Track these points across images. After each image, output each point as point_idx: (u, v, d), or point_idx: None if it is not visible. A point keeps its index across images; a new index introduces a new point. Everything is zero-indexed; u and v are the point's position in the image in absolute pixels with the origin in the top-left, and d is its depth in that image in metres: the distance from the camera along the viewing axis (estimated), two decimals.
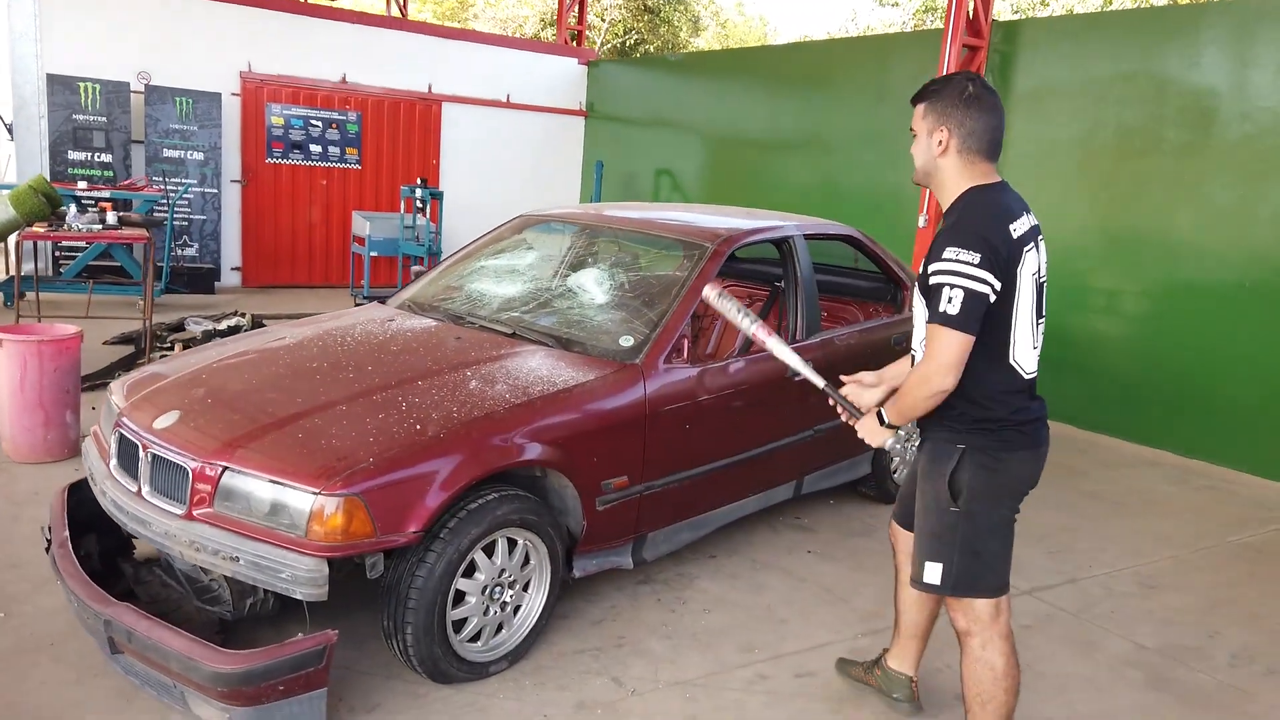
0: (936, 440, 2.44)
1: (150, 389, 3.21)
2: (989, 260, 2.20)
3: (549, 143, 12.05)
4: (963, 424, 2.38)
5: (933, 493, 2.43)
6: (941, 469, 2.40)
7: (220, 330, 6.75)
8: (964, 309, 2.19)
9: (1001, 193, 2.35)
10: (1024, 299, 2.30)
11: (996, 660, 2.44)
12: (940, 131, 2.34)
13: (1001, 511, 2.43)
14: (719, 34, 29.74)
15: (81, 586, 2.70)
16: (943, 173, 2.38)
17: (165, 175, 9.39)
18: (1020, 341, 2.33)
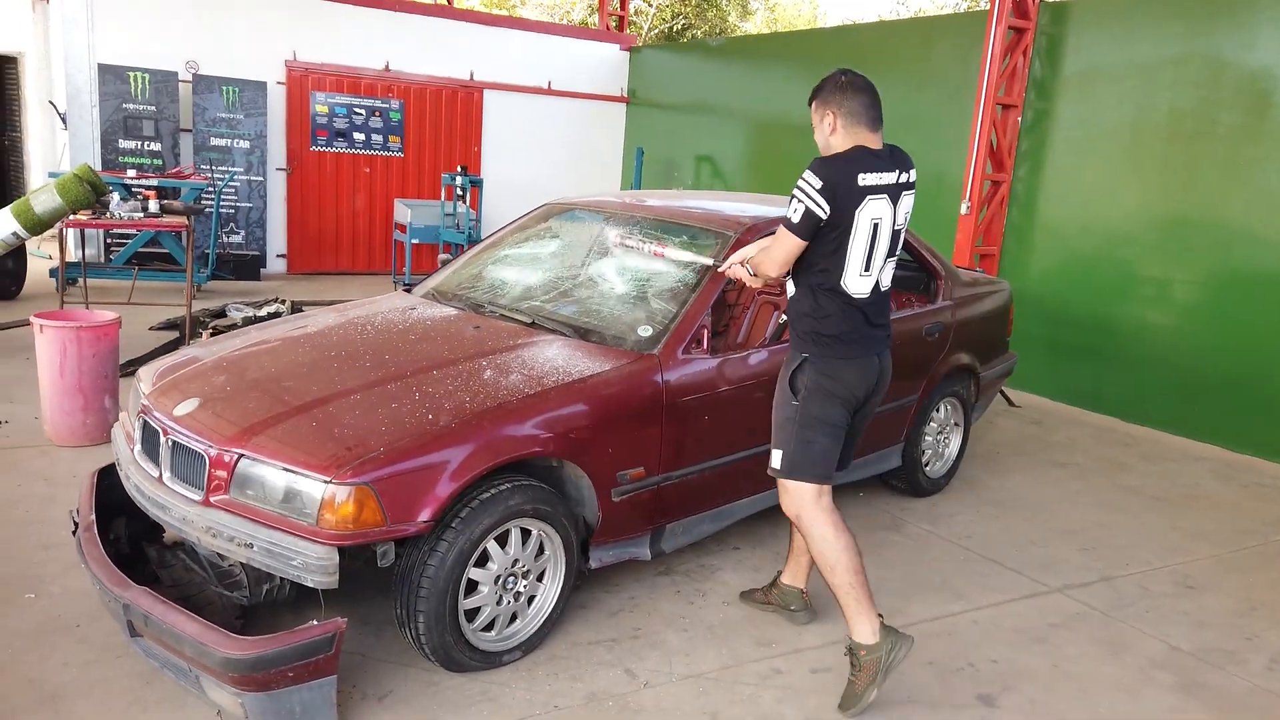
0: (790, 348, 2.98)
1: (175, 375, 3.27)
2: (828, 191, 2.74)
3: (590, 129, 12.03)
4: (805, 336, 2.91)
5: (780, 391, 2.96)
6: (787, 370, 2.96)
7: (260, 316, 6.86)
8: (800, 220, 2.76)
9: (872, 153, 2.84)
10: (859, 235, 2.80)
11: (825, 530, 2.91)
12: (828, 115, 2.87)
13: (830, 411, 2.91)
14: (768, 18, 29.36)
15: (103, 570, 2.76)
16: (834, 148, 2.87)
17: (212, 163, 9.57)
18: (851, 269, 2.84)
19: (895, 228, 2.92)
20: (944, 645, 3.36)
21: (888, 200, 2.85)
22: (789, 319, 2.98)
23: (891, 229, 2.89)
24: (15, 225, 5.82)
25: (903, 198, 2.92)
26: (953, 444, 4.95)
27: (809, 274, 2.89)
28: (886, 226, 2.87)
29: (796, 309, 2.94)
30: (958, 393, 4.85)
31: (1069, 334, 6.98)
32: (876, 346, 2.98)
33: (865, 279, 2.87)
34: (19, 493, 4.02)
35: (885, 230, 2.87)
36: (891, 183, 2.85)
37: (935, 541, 4.28)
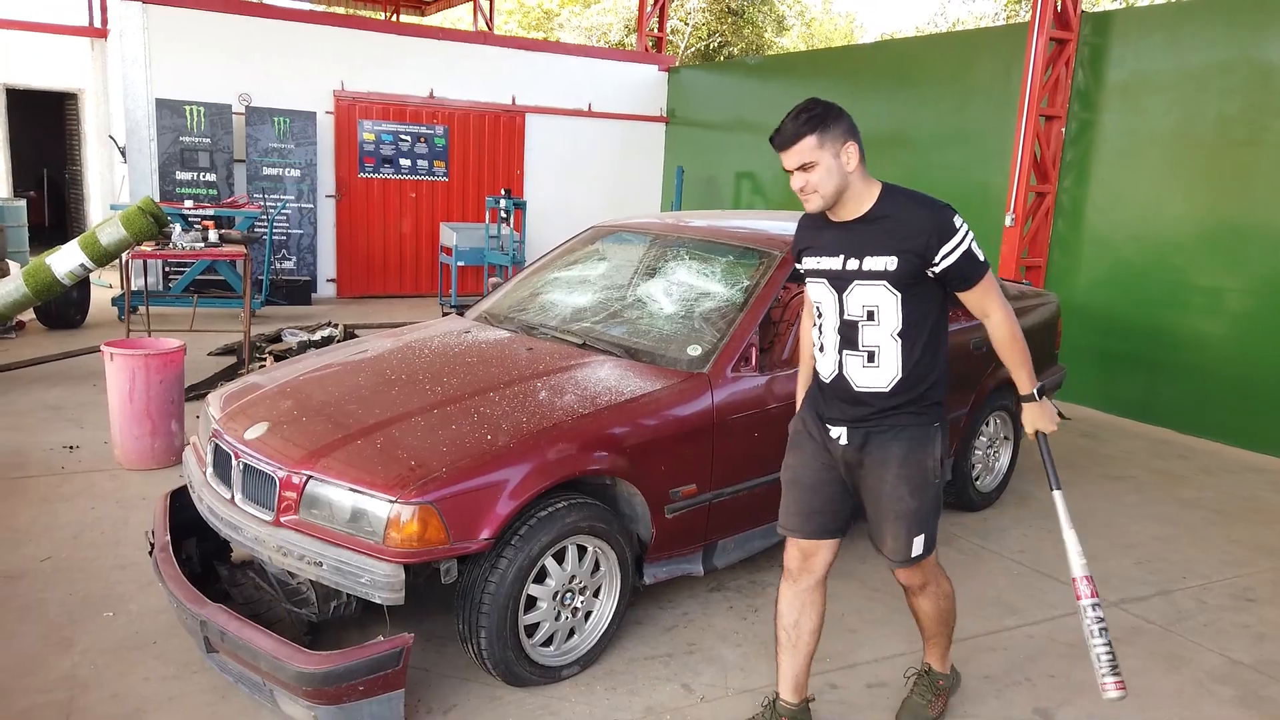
0: (913, 426, 2.55)
1: (243, 401, 3.40)
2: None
3: (630, 150, 12.16)
4: (932, 402, 2.57)
5: (920, 476, 2.57)
6: (929, 450, 2.57)
7: (315, 341, 7.04)
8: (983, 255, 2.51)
9: None
10: None
11: (945, 584, 2.82)
12: (850, 147, 2.45)
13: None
14: (804, 33, 29.43)
15: (180, 588, 2.88)
16: (855, 184, 2.48)
17: (264, 192, 9.85)
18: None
19: None
20: (999, 660, 3.36)
21: None
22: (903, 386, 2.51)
23: None
24: (82, 257, 6.06)
25: None
26: (1003, 458, 4.94)
27: (938, 327, 2.57)
28: None
29: (921, 372, 2.53)
30: (1006, 406, 4.84)
31: (1119, 345, 6.90)
32: None
33: None
34: (93, 515, 4.18)
35: None
36: None
37: (988, 556, 4.27)
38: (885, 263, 2.44)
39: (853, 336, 2.54)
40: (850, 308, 2.52)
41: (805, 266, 2.62)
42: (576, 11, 27.43)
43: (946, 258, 2.41)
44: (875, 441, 2.55)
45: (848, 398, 2.57)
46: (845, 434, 2.58)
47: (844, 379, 2.56)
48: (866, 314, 2.51)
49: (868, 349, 2.53)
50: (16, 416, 5.52)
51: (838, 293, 2.54)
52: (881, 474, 2.56)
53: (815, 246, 2.58)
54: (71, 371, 6.53)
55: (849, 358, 2.55)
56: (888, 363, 2.52)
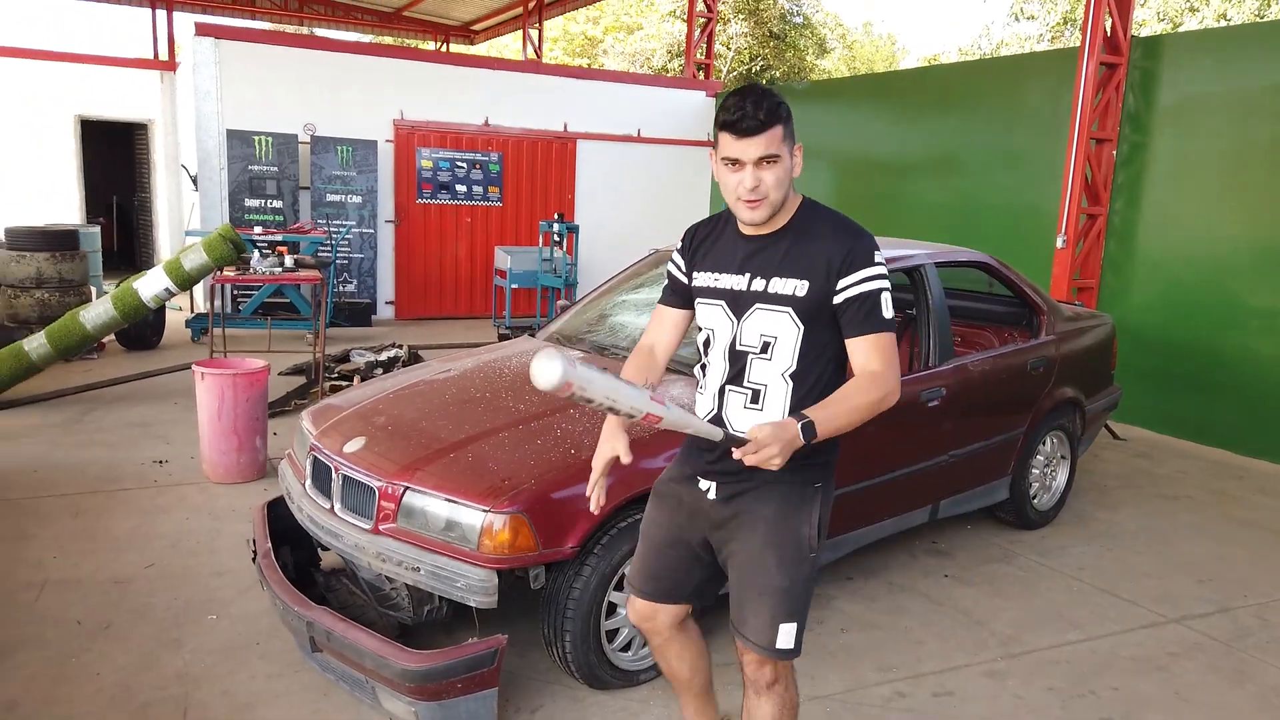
0: (790, 485, 2.18)
1: (337, 417, 3.61)
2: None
3: (678, 174, 12.38)
4: (819, 461, 2.21)
5: (793, 542, 2.17)
6: (805, 516, 2.19)
7: (381, 361, 7.29)
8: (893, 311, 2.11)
9: None
10: None
11: (794, 694, 2.30)
12: (798, 147, 2.13)
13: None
14: (845, 56, 29.59)
15: (286, 592, 3.08)
16: (785, 190, 2.11)
17: (328, 218, 10.20)
18: None
19: None
20: (1063, 673, 3.44)
21: None
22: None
23: None
24: (167, 281, 6.38)
25: None
26: (1060, 477, 5.01)
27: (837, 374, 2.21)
28: None
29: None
30: (1063, 426, 4.92)
31: (1174, 366, 6.92)
32: None
33: None
34: (187, 526, 4.42)
35: None
36: None
37: (1047, 573, 4.35)
38: (795, 286, 2.11)
39: (740, 370, 2.19)
40: (745, 336, 2.17)
41: (699, 284, 2.25)
42: (620, 38, 27.89)
43: (850, 288, 2.07)
44: (746, 499, 2.20)
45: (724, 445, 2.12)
46: (714, 488, 2.25)
47: (722, 420, 2.22)
48: (761, 345, 2.16)
49: (753, 387, 2.18)
50: (107, 433, 5.82)
51: (735, 318, 2.18)
52: (748, 538, 2.20)
53: (715, 261, 2.23)
54: (154, 390, 6.85)
55: (731, 395, 2.20)
56: (773, 405, 2.17)
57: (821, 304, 2.10)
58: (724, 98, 2.02)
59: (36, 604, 3.56)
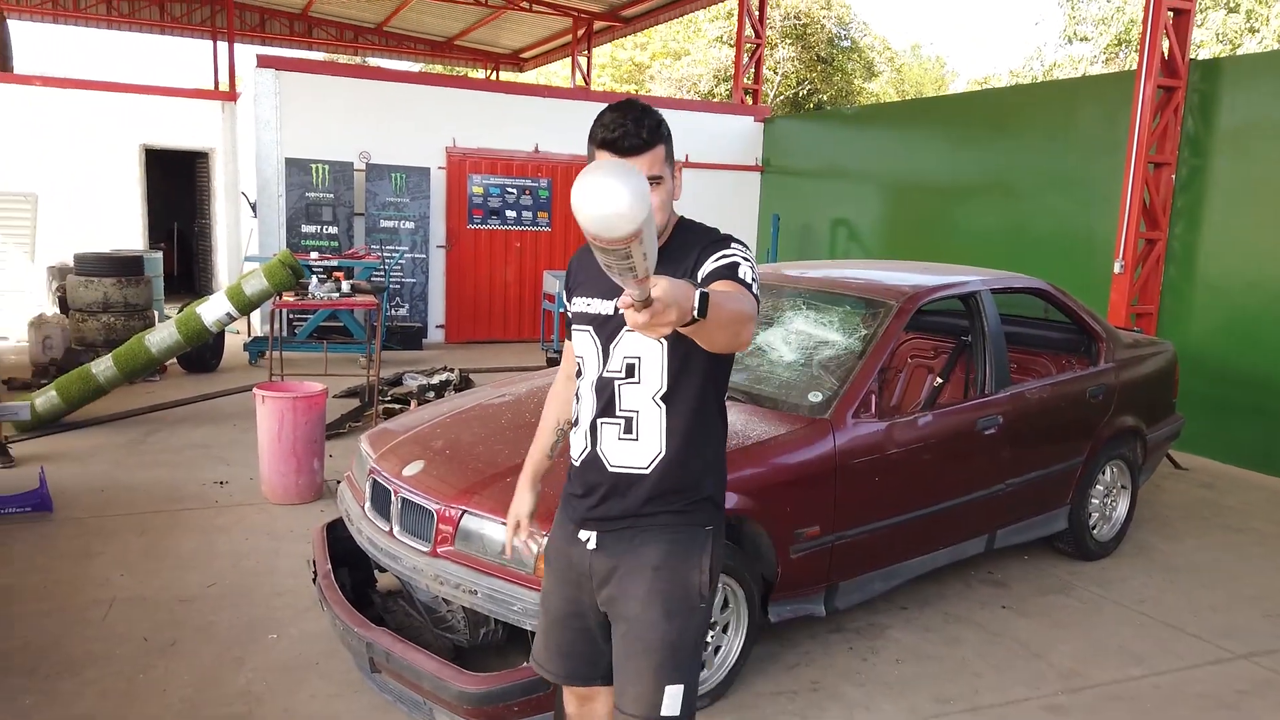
0: (677, 528, 1.98)
1: (396, 441, 3.68)
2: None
3: (725, 198, 12.41)
4: (704, 496, 2.01)
5: (680, 595, 1.95)
6: (695, 561, 1.98)
7: (433, 384, 7.40)
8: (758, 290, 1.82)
9: None
10: None
11: None
12: (679, 166, 2.01)
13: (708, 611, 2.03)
14: (893, 79, 29.52)
15: (346, 613, 3.14)
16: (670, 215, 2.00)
17: (382, 244, 10.40)
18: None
19: None
20: (1127, 709, 3.36)
21: None
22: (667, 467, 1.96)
23: None
24: (229, 306, 6.55)
25: None
26: (1120, 507, 4.91)
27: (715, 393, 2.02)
28: None
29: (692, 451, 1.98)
30: (1124, 455, 4.82)
31: (1237, 394, 6.75)
32: None
33: None
34: (247, 546, 4.52)
35: None
36: None
37: (1108, 606, 4.25)
38: None
39: (610, 399, 1.99)
40: (612, 362, 1.98)
41: (574, 309, 2.08)
42: (667, 64, 28.14)
43: (709, 265, 1.86)
44: (627, 546, 1.99)
45: (601, 486, 2.00)
46: (594, 538, 2.03)
47: (598, 457, 2.00)
48: (627, 368, 1.96)
49: (625, 415, 1.98)
50: (170, 454, 5.97)
51: (601, 344, 1.99)
52: (631, 589, 1.97)
53: (588, 286, 2.04)
54: (214, 412, 7.03)
55: (604, 427, 2.00)
56: (648, 434, 1.96)
57: None
58: (601, 113, 1.91)
59: (105, 620, 3.66)
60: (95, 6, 21.09)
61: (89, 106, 12.81)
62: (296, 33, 22.45)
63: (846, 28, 26.68)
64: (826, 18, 25.78)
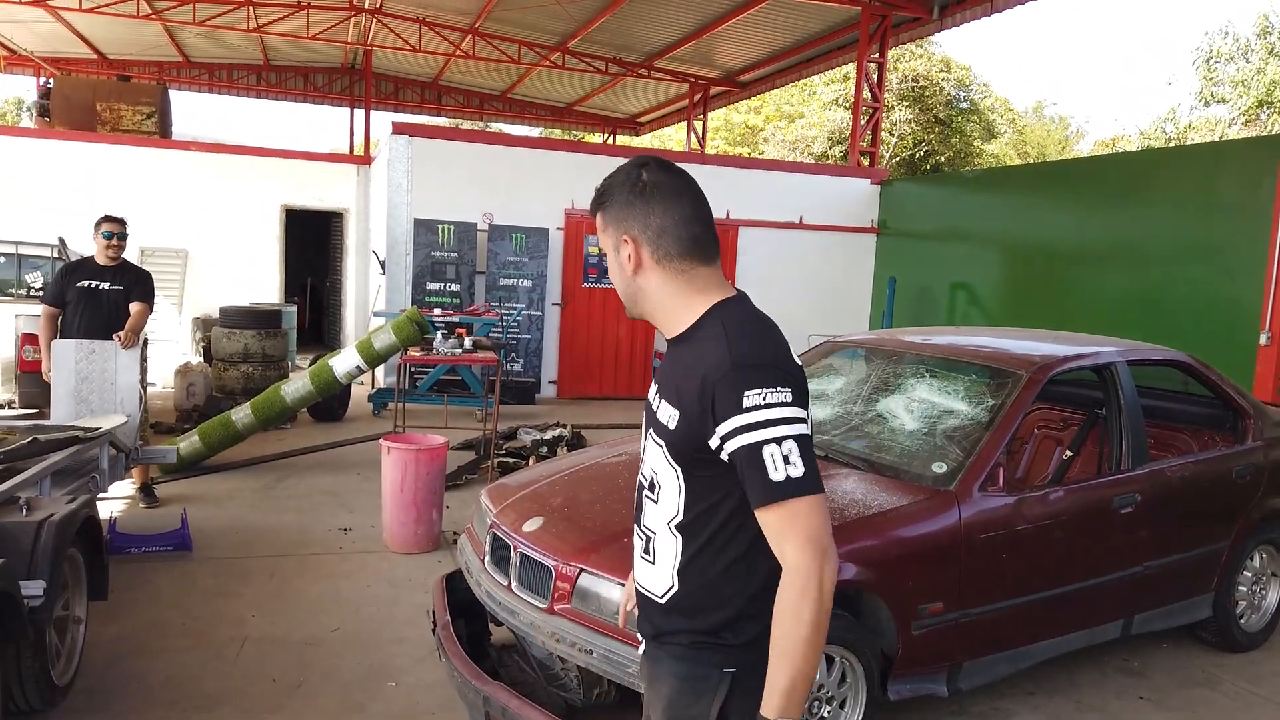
0: (688, 663, 1.68)
1: (515, 497, 3.75)
2: (798, 395, 1.55)
3: (840, 260, 12.35)
4: (735, 634, 1.64)
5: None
6: (702, 705, 1.65)
7: (546, 440, 7.54)
8: (806, 462, 1.51)
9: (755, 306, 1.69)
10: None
11: None
12: (625, 244, 1.67)
13: None
14: (1014, 140, 28.94)
15: (464, 666, 3.19)
16: (649, 296, 1.70)
17: (500, 301, 10.73)
18: None
19: None
20: None
21: None
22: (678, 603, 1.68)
23: None
24: (358, 359, 6.86)
25: None
26: (1271, 596, 4.57)
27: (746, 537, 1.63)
28: None
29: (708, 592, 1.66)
30: (1274, 540, 4.51)
31: None
32: None
33: None
34: (368, 593, 4.66)
35: None
36: None
37: (1258, 703, 3.94)
38: (669, 415, 1.64)
39: (639, 506, 1.78)
40: (644, 465, 1.76)
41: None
42: (780, 126, 28.36)
43: (731, 437, 1.53)
44: (653, 667, 1.76)
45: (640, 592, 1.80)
46: (643, 646, 1.84)
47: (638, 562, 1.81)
48: (649, 481, 1.73)
49: (646, 533, 1.76)
50: (299, 499, 6.25)
51: (643, 440, 1.78)
52: (653, 712, 1.75)
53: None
54: (341, 460, 7.32)
55: (636, 537, 1.80)
56: (663, 562, 1.71)
57: (697, 445, 1.59)
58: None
59: (238, 659, 3.83)
60: (246, 78, 22.80)
61: (237, 169, 13.76)
62: (427, 100, 23.69)
63: (966, 89, 26.40)
64: (946, 80, 25.59)
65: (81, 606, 3.61)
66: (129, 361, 5.43)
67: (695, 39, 15.84)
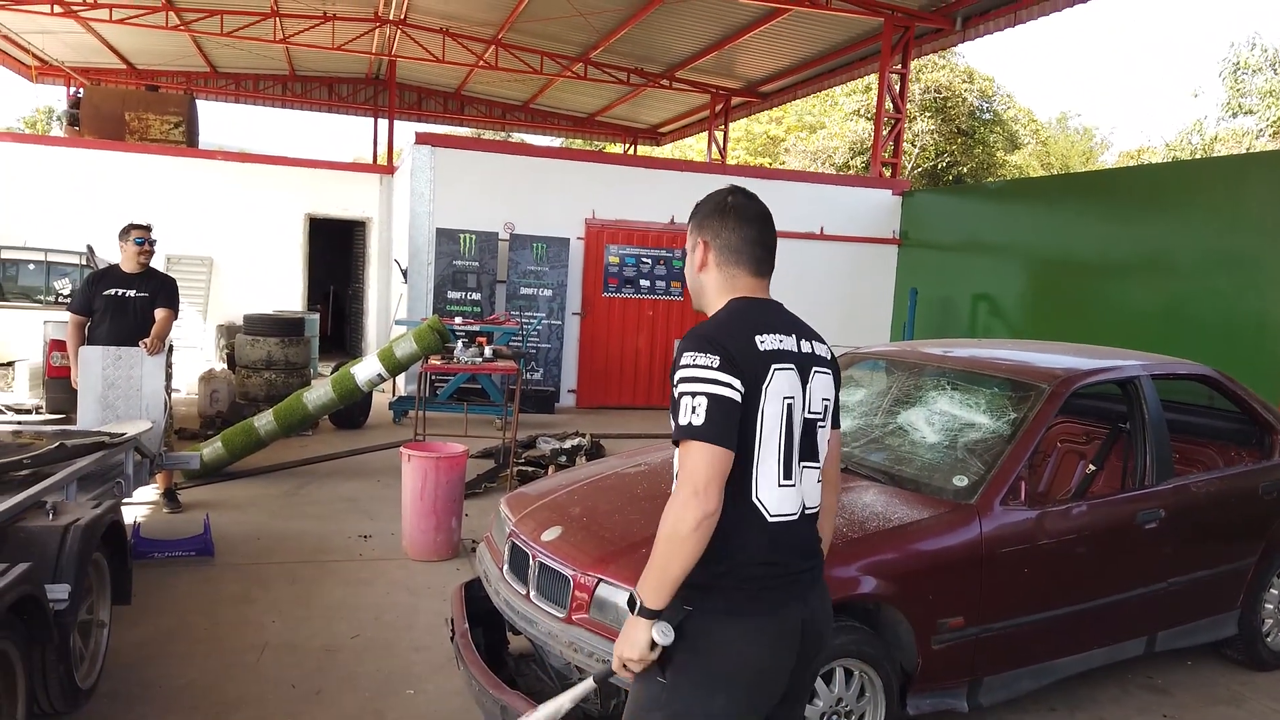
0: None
1: (534, 505, 3.76)
2: (728, 364, 1.91)
3: (860, 271, 12.30)
4: (692, 575, 1.92)
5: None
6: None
7: (566, 449, 7.55)
8: (711, 417, 1.88)
9: (762, 307, 2.10)
10: (769, 421, 1.98)
11: None
12: (699, 246, 2.13)
13: (718, 702, 1.94)
14: (1038, 151, 28.76)
15: (482, 675, 3.20)
16: (706, 291, 2.15)
17: (520, 310, 10.77)
18: (765, 474, 1.99)
19: (809, 415, 2.09)
20: None
21: (796, 374, 2.05)
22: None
23: (804, 416, 2.07)
24: (380, 368, 6.91)
25: (815, 376, 2.10)
26: None
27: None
28: (799, 410, 2.06)
29: None
30: None
31: None
32: (794, 598, 2.03)
33: (788, 490, 2.03)
34: (388, 600, 4.68)
35: (798, 416, 2.05)
36: (796, 350, 2.07)
37: None
38: None
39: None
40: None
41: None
42: (801, 137, 28.35)
43: (673, 389, 1.97)
44: None
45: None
46: None
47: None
48: None
49: None
50: (319, 506, 6.29)
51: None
52: None
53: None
54: (361, 467, 7.37)
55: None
56: None
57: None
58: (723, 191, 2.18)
59: (258, 665, 3.85)
60: (272, 88, 23.06)
61: (262, 178, 13.92)
62: (450, 110, 23.86)
63: (990, 100, 26.28)
64: (969, 91, 25.50)
65: (105, 610, 3.65)
66: (155, 368, 5.49)
67: (717, 50, 15.88)
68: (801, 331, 2.13)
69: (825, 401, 2.13)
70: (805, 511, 2.08)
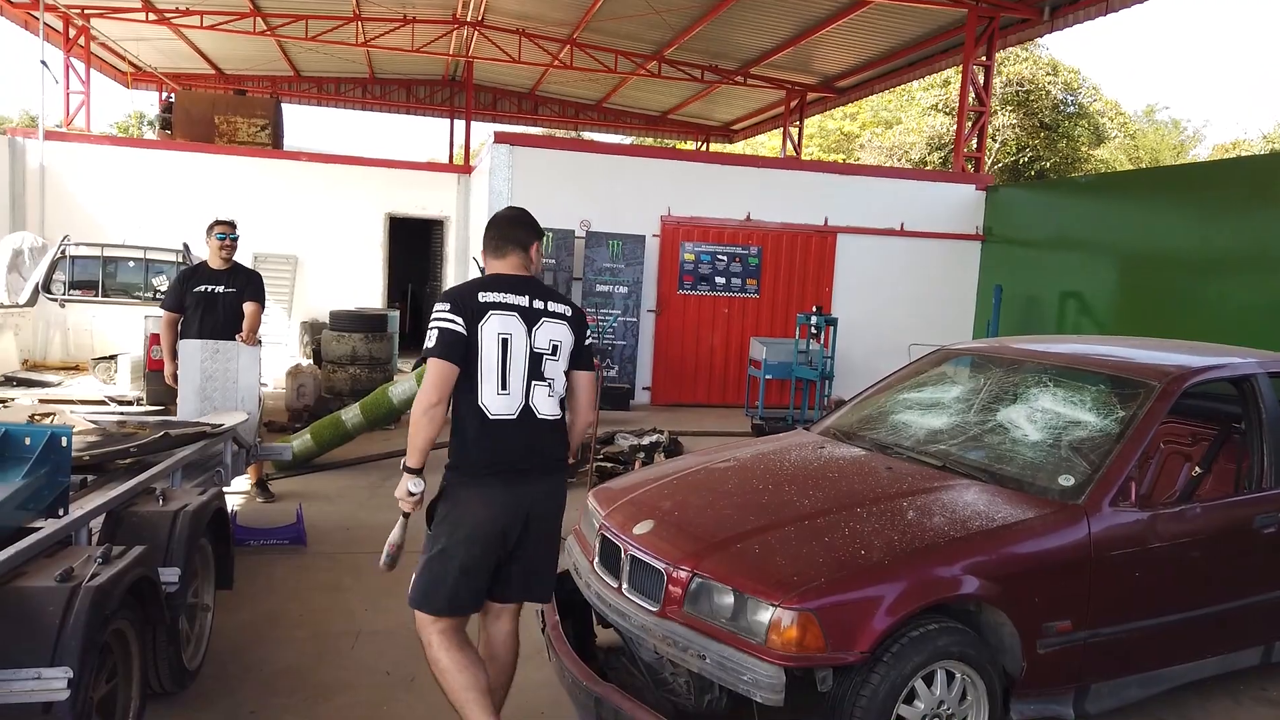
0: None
1: (624, 500, 3.74)
2: (456, 308, 2.91)
3: (942, 268, 12.04)
4: (450, 456, 2.99)
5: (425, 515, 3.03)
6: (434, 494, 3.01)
7: (644, 445, 7.54)
8: (439, 341, 2.87)
9: (498, 278, 3.05)
10: (487, 349, 2.91)
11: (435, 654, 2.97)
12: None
13: (458, 535, 2.94)
14: (1125, 145, 27.79)
15: (576, 667, 3.20)
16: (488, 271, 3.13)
17: (596, 307, 10.81)
18: (487, 385, 2.93)
19: (536, 350, 2.99)
20: None
21: (520, 319, 2.97)
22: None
23: (528, 350, 2.98)
24: None
25: (542, 323, 3.01)
26: None
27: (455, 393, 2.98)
28: (522, 343, 2.96)
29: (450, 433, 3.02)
30: None
31: None
32: (509, 475, 2.97)
33: (503, 397, 2.94)
34: None
35: (519, 349, 2.96)
36: (525, 305, 2.99)
37: None
38: None
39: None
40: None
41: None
42: (877, 133, 27.89)
43: None
44: None
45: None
46: None
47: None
48: None
49: None
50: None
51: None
52: None
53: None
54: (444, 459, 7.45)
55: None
56: None
57: None
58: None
59: (353, 651, 3.93)
60: (352, 90, 23.60)
61: (343, 179, 14.25)
62: (524, 110, 24.12)
63: (1075, 93, 25.49)
64: (1052, 84, 24.77)
65: (209, 594, 3.76)
66: (250, 361, 5.64)
67: (793, 45, 15.72)
68: (538, 294, 3.05)
69: (553, 341, 3.03)
70: (535, 417, 2.99)
